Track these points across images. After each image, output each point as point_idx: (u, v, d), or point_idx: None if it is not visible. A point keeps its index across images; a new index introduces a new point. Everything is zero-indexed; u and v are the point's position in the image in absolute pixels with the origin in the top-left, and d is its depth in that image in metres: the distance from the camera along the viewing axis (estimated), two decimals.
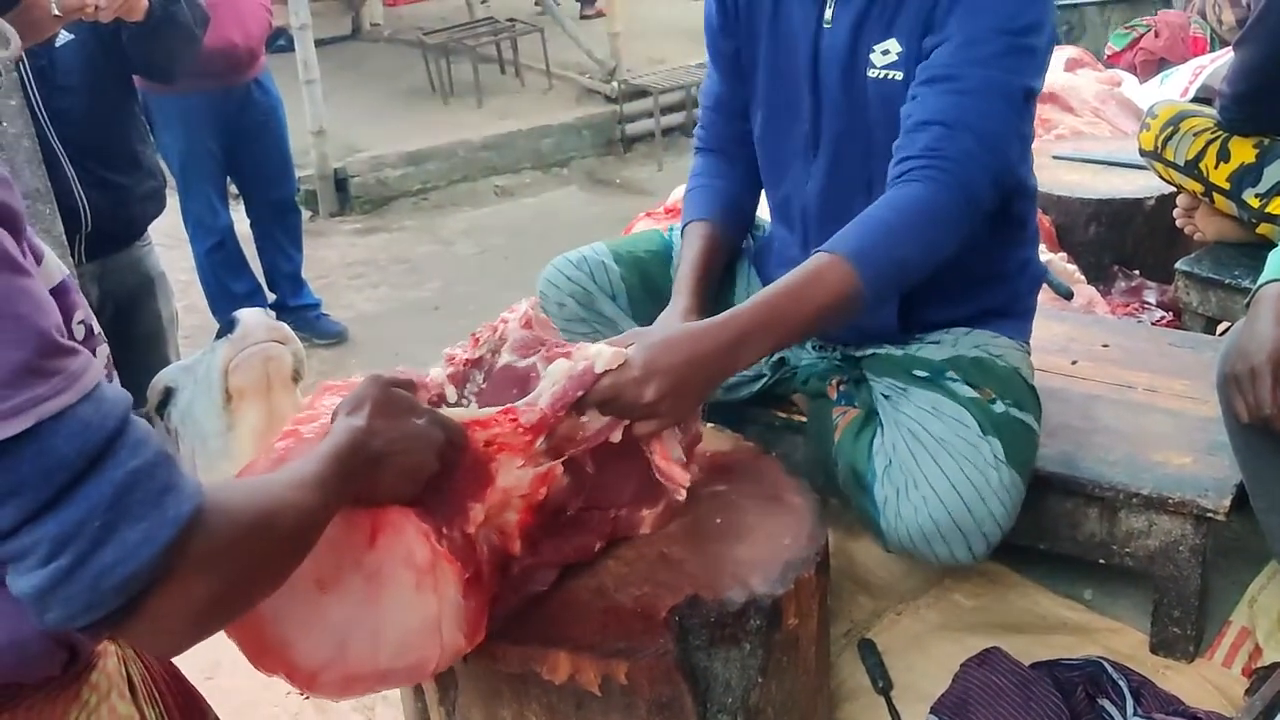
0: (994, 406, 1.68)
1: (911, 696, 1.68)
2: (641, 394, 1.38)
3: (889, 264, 1.53)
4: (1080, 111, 3.93)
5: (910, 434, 1.67)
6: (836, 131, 1.78)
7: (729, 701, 1.37)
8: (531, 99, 8.28)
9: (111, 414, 0.80)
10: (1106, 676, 1.63)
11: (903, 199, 1.56)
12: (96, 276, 2.49)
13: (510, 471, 1.31)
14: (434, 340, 4.92)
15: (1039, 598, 1.90)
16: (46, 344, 0.77)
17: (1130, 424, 1.88)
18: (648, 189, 6.77)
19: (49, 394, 0.76)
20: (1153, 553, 1.72)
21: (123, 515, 0.78)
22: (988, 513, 1.59)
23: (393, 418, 1.18)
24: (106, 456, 0.79)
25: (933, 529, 1.60)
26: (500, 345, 1.43)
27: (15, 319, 0.75)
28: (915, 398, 1.71)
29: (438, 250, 5.63)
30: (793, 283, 1.50)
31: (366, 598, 1.20)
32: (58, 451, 0.76)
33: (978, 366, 1.74)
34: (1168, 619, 1.74)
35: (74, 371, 0.79)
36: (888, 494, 1.66)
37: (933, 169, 1.55)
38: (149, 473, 0.81)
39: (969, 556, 1.62)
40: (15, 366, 0.74)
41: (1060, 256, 2.90)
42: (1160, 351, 2.13)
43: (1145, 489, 1.69)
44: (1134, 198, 3.05)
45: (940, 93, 1.59)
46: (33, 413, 0.75)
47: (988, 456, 1.61)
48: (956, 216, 1.56)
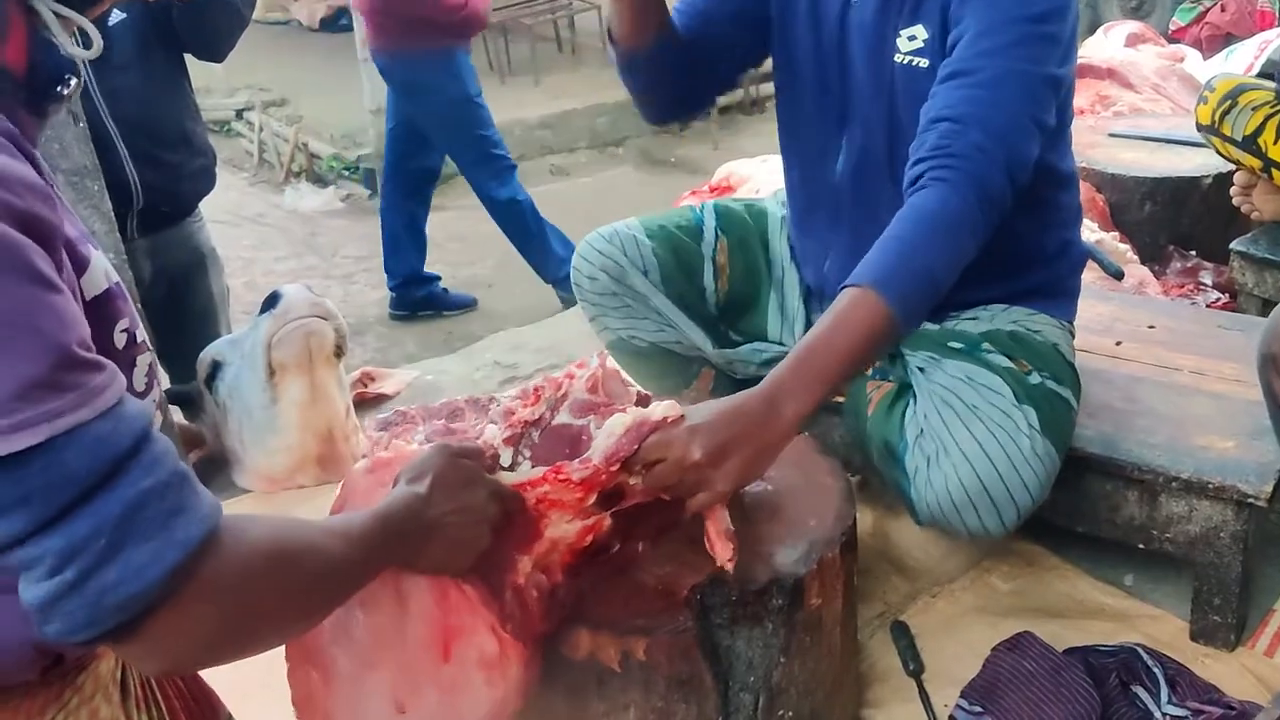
0: (1030, 378, 1.65)
1: (942, 680, 1.67)
2: (689, 451, 1.31)
3: (914, 282, 1.48)
4: (1140, 88, 3.83)
5: (943, 402, 1.65)
6: (865, 113, 1.77)
7: (751, 680, 1.37)
8: (588, 78, 8.27)
9: (128, 431, 0.80)
10: (1141, 664, 1.60)
11: (916, 209, 1.54)
12: (149, 252, 2.54)
13: (559, 525, 1.30)
14: (487, 318, 4.97)
15: (1078, 582, 1.88)
16: (65, 359, 0.77)
17: (1173, 407, 1.84)
18: (703, 168, 6.74)
19: (64, 409, 0.76)
20: (1193, 538, 1.68)
21: (130, 534, 0.78)
22: (1019, 481, 1.57)
23: (453, 491, 1.18)
24: (119, 474, 0.78)
25: (963, 497, 1.58)
26: (560, 404, 1.40)
27: (35, 332, 0.75)
28: (949, 368, 1.69)
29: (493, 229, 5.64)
30: (823, 328, 1.45)
31: (443, 711, 1.22)
32: (68, 466, 0.76)
33: (1014, 339, 1.73)
34: (1208, 606, 1.70)
35: (94, 387, 0.78)
36: (918, 463, 1.64)
37: (942, 169, 1.53)
38: (161, 493, 0.80)
39: (999, 526, 1.60)
40: (30, 380, 0.74)
41: (1112, 236, 2.84)
42: (1208, 333, 2.09)
43: (1186, 473, 1.66)
44: (1191, 176, 2.98)
45: (954, 88, 1.57)
46: (45, 427, 0.75)
47: (1021, 424, 1.59)
48: (972, 216, 1.52)
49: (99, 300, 0.89)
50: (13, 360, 0.74)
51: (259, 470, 2.30)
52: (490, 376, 2.84)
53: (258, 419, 2.24)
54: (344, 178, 7.52)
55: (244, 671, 0.98)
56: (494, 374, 2.86)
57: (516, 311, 4.93)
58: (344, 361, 2.34)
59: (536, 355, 2.94)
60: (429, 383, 2.81)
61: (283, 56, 9.58)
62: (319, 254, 6.35)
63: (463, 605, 1.23)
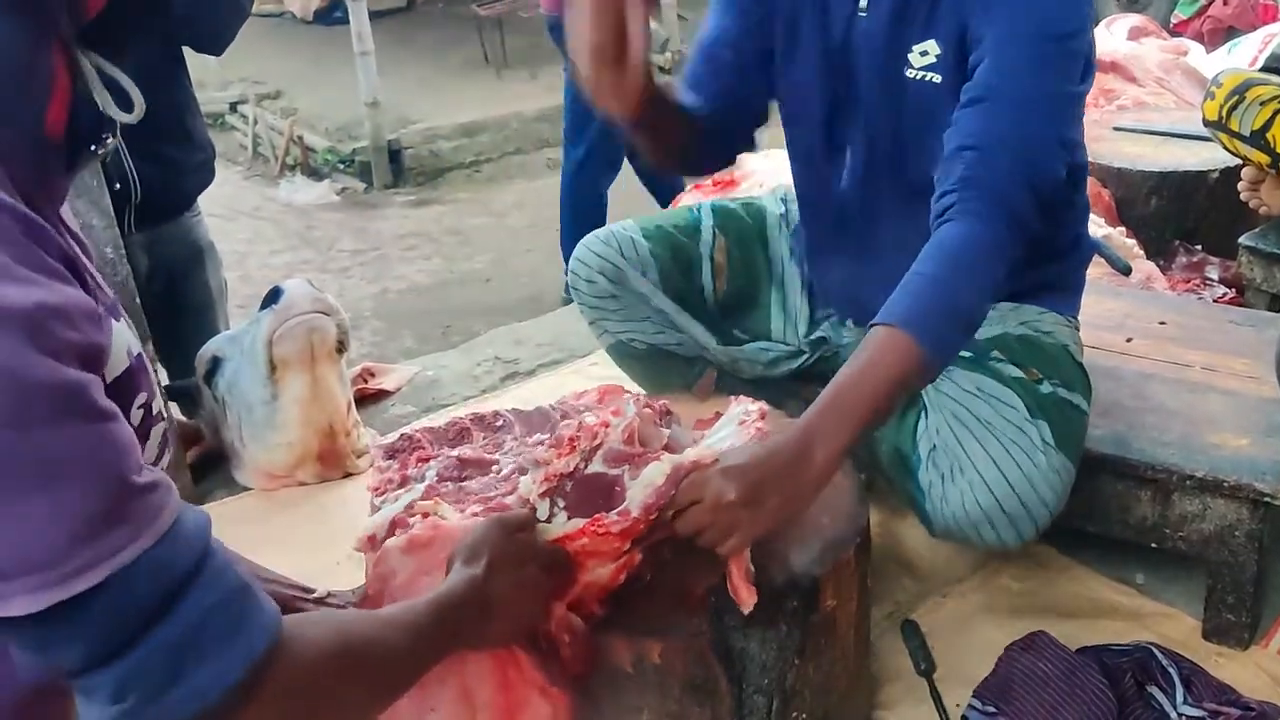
0: (1041, 387, 1.63)
1: (954, 680, 1.65)
2: (723, 492, 1.28)
3: (946, 320, 1.44)
4: (1143, 81, 3.82)
5: (954, 417, 1.63)
6: (871, 126, 1.74)
7: (765, 683, 1.35)
8: None
9: (188, 551, 0.78)
10: (1156, 663, 1.59)
11: (945, 243, 1.50)
12: (146, 246, 2.51)
13: (595, 570, 1.29)
14: (486, 313, 4.95)
15: (1088, 581, 1.86)
16: (125, 490, 0.75)
17: (1186, 404, 1.82)
18: None
19: (124, 542, 0.74)
20: (1207, 537, 1.67)
21: (193, 655, 0.77)
22: (1036, 498, 1.55)
23: (510, 570, 1.16)
24: (181, 596, 0.77)
25: (979, 515, 1.57)
26: (594, 453, 1.36)
27: (96, 471, 0.74)
28: (959, 379, 1.67)
29: (490, 222, 5.64)
30: (854, 368, 1.40)
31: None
32: (129, 599, 0.75)
33: (1024, 345, 1.70)
34: (1222, 605, 1.69)
35: (151, 512, 0.76)
36: (932, 479, 1.62)
37: (970, 200, 1.50)
38: (223, 609, 0.79)
39: (1016, 540, 1.59)
40: (91, 519, 0.72)
41: (1119, 231, 2.82)
42: (1219, 329, 2.07)
43: (1200, 471, 1.64)
44: (1197, 170, 2.96)
45: (976, 114, 1.54)
46: (106, 566, 0.73)
47: (1035, 440, 1.57)
48: (1003, 245, 1.50)
49: (119, 380, 0.86)
50: (73, 501, 0.72)
51: (259, 467, 2.27)
52: (491, 372, 2.82)
53: (258, 415, 2.21)
54: (339, 171, 7.50)
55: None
56: (495, 370, 2.83)
57: (515, 306, 4.91)
58: (345, 357, 2.32)
59: (538, 351, 2.92)
60: (429, 378, 2.79)
61: (277, 49, 9.55)
62: (314, 248, 6.32)
63: (519, 681, 1.23)
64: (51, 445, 0.71)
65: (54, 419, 0.71)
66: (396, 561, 1.29)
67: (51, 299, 0.72)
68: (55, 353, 0.71)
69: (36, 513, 0.70)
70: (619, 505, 1.29)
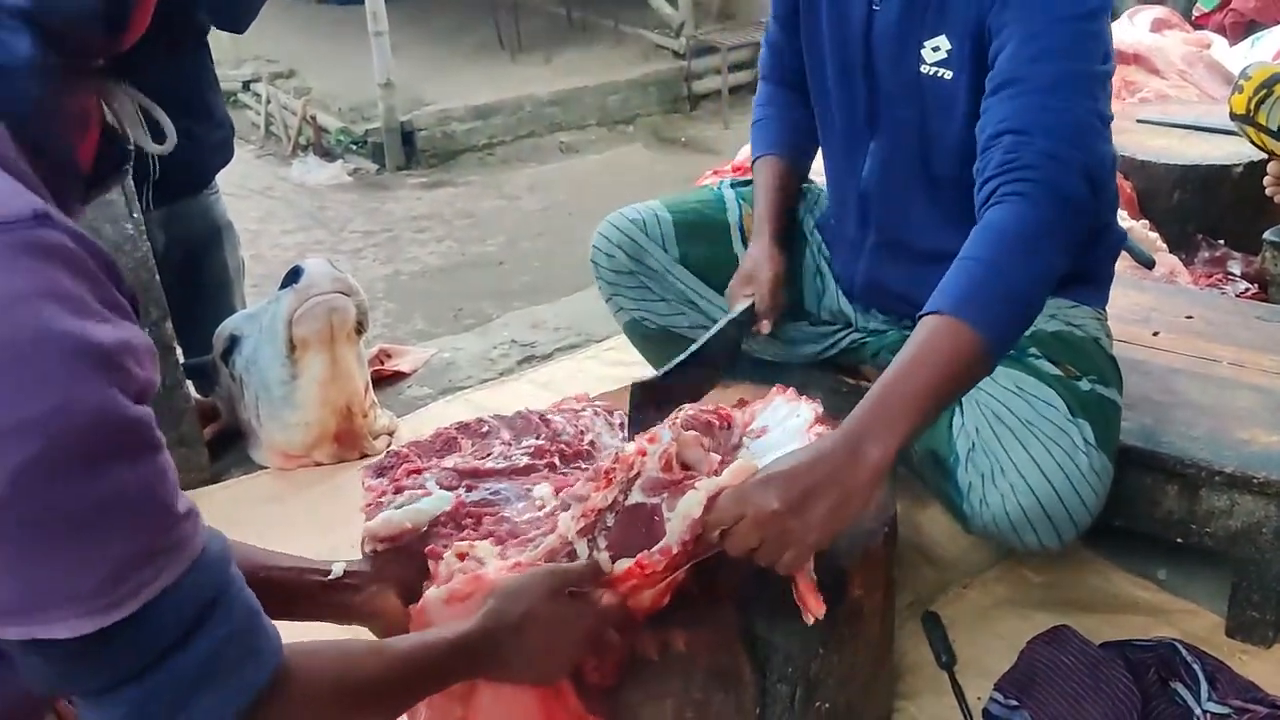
0: (1080, 385, 1.61)
1: (974, 672, 1.64)
2: (766, 501, 1.20)
3: (1000, 305, 1.36)
4: (1166, 74, 3.78)
5: (994, 416, 1.61)
6: (892, 120, 1.75)
7: (789, 672, 1.34)
8: (599, 55, 8.22)
9: (210, 582, 0.80)
10: (1180, 659, 1.58)
11: (992, 227, 1.43)
12: (163, 223, 2.49)
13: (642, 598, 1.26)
14: (498, 296, 4.93)
15: (1111, 575, 1.85)
16: (170, 519, 0.77)
17: (1214, 399, 1.81)
18: (713, 148, 6.70)
19: (158, 573, 0.76)
20: (1234, 533, 1.65)
21: (204, 682, 0.79)
22: (1079, 501, 1.54)
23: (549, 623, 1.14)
24: (200, 625, 0.79)
25: (1021, 517, 1.55)
26: (632, 484, 1.31)
27: (152, 502, 0.76)
28: (997, 375, 1.61)
29: (502, 205, 5.62)
30: (904, 360, 1.31)
31: None
32: (159, 626, 0.77)
33: (1059, 341, 1.68)
34: (1246, 602, 1.67)
35: (186, 540, 0.78)
36: (972, 480, 1.60)
37: (1016, 183, 1.44)
38: (237, 639, 0.81)
39: (1057, 543, 1.57)
40: (137, 555, 0.75)
41: (1142, 224, 2.80)
42: (1246, 324, 2.05)
43: (1229, 467, 1.63)
44: (1221, 164, 2.93)
45: (1007, 98, 1.50)
46: (140, 596, 0.75)
47: (1077, 440, 1.55)
48: (1057, 227, 1.43)
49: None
50: (122, 538, 0.74)
51: (276, 446, 2.27)
52: (508, 355, 2.81)
53: (276, 394, 2.21)
54: (352, 152, 7.48)
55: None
56: (511, 353, 2.82)
57: (527, 289, 4.90)
58: (364, 338, 2.31)
59: (555, 335, 2.91)
60: (445, 361, 2.78)
61: (291, 28, 9.52)
62: (326, 228, 6.31)
63: (560, 711, 1.22)
64: (114, 482, 0.72)
65: (120, 456, 0.73)
66: (436, 613, 1.23)
67: (126, 337, 0.74)
68: (126, 390, 0.73)
69: (92, 548, 0.72)
70: (660, 534, 1.24)
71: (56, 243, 0.71)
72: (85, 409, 0.70)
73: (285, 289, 2.16)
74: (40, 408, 0.68)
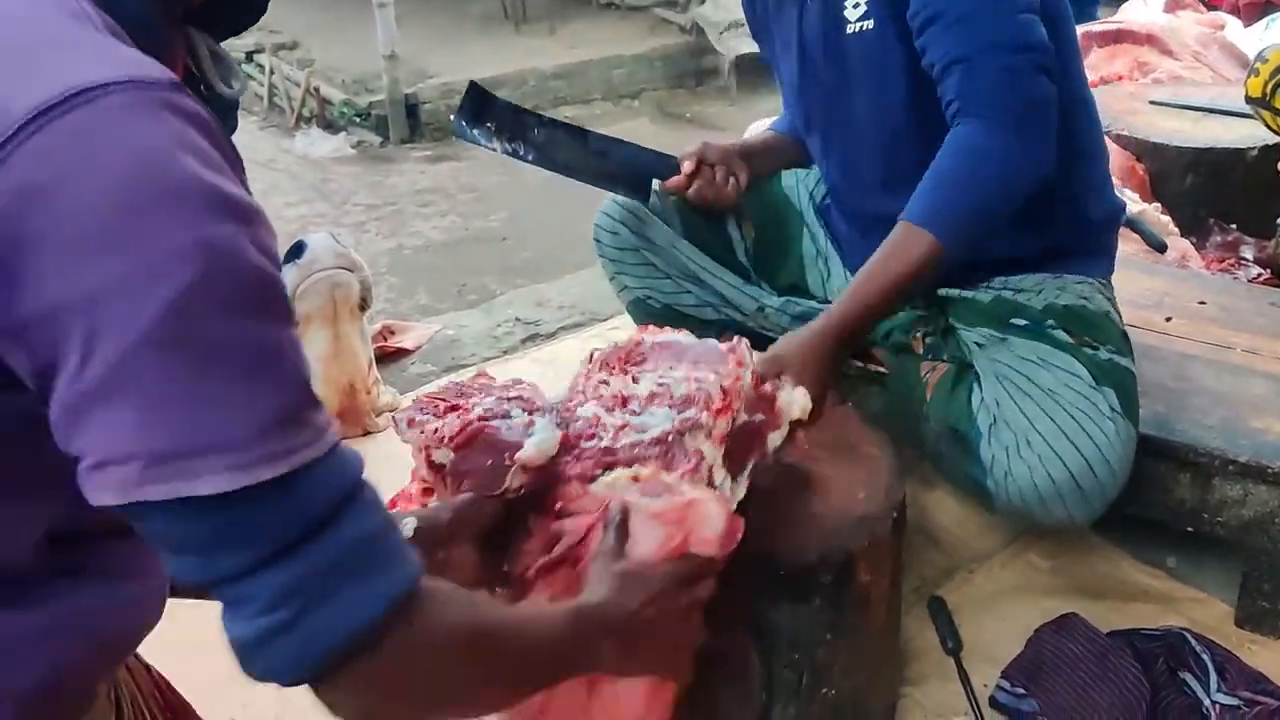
0: (1099, 354, 1.61)
1: (980, 658, 1.63)
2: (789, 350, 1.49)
3: (961, 215, 1.54)
4: (1180, 55, 3.74)
5: (1016, 388, 1.59)
6: (840, 98, 1.79)
7: (795, 657, 1.33)
8: (604, 28, 8.16)
9: (350, 472, 0.77)
10: (1189, 649, 1.56)
11: (957, 142, 1.56)
12: None
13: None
14: (501, 272, 4.91)
15: (1119, 562, 1.84)
16: (309, 394, 0.75)
17: (1228, 386, 1.79)
18: (718, 124, 6.67)
19: (302, 444, 0.73)
20: (1246, 523, 1.64)
21: (345, 578, 0.76)
22: (1109, 469, 1.52)
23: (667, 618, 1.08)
24: (341, 514, 0.76)
25: (1050, 489, 1.53)
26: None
27: (294, 366, 0.74)
28: (1016, 347, 1.63)
29: (506, 180, 5.57)
30: (874, 260, 1.55)
31: None
32: (300, 503, 0.74)
33: (1073, 314, 1.67)
34: (1257, 592, 1.66)
35: (322, 424, 0.76)
36: (995, 453, 1.58)
37: (974, 104, 1.54)
38: (375, 538, 0.78)
39: (1087, 515, 1.55)
40: (285, 412, 0.72)
41: (1154, 207, 2.77)
42: (1260, 311, 2.03)
43: (1243, 456, 1.61)
44: (1235, 148, 2.90)
45: (940, 30, 1.57)
46: (286, 461, 0.72)
47: (1104, 408, 1.54)
48: (1013, 149, 1.54)
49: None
50: (271, 391, 0.72)
51: None
52: (512, 333, 2.79)
53: None
54: (355, 124, 7.44)
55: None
56: (516, 331, 2.81)
57: (530, 266, 4.88)
58: (367, 314, 2.29)
59: (559, 313, 2.89)
60: (449, 338, 2.76)
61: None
62: (329, 201, 6.28)
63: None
64: (266, 331, 0.72)
65: (268, 310, 0.72)
66: (641, 528, 1.15)
67: (260, 207, 0.74)
68: (265, 252, 0.73)
69: (239, 395, 0.70)
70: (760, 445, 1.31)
71: (194, 110, 0.72)
72: (234, 251, 0.70)
73: (288, 264, 2.14)
74: (190, 238, 0.68)
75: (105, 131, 0.67)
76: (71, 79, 0.67)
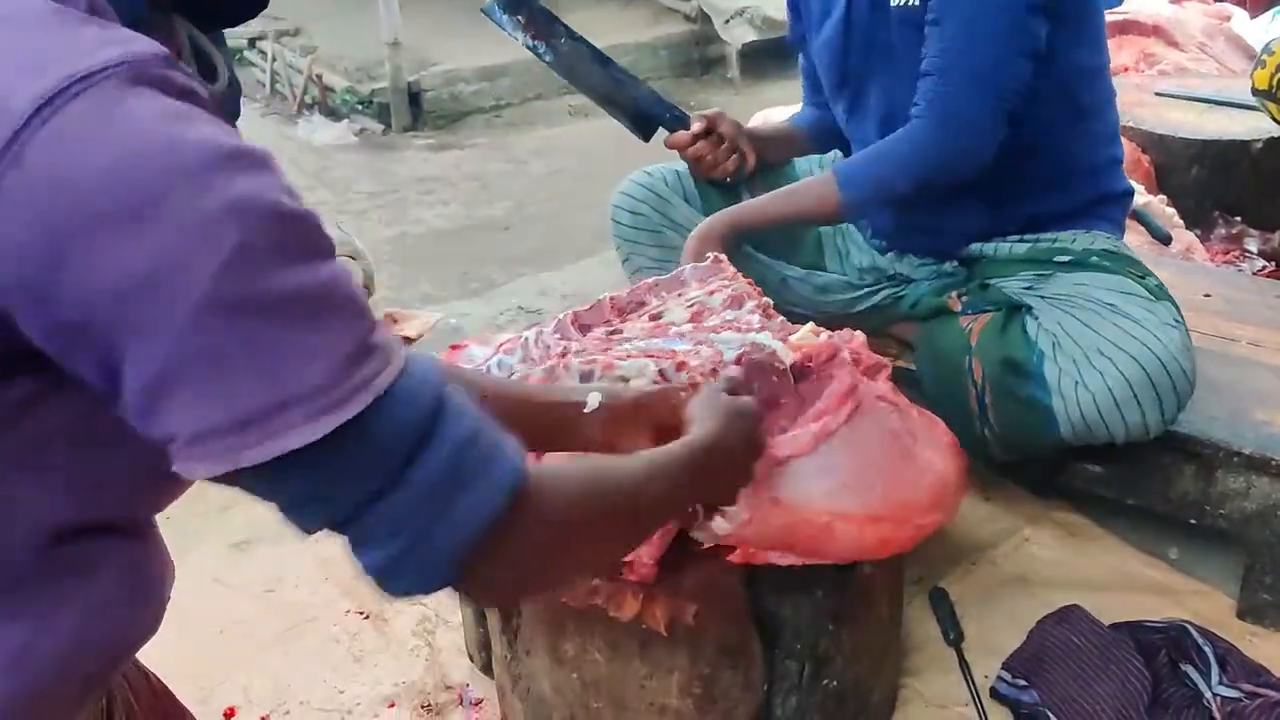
0: (1148, 280, 1.67)
1: (981, 649, 1.63)
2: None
3: (867, 182, 1.77)
4: (1186, 46, 3.73)
5: (1077, 306, 1.65)
6: (884, 69, 1.82)
7: (798, 648, 1.33)
8: (609, 16, 8.13)
9: (428, 385, 0.77)
10: (1191, 641, 1.56)
11: (898, 132, 1.74)
12: None
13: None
14: (504, 261, 4.89)
15: (1121, 554, 1.84)
16: (371, 320, 0.75)
17: (1232, 378, 1.79)
18: None
19: (382, 367, 0.74)
20: (1249, 515, 1.64)
21: (456, 486, 0.77)
22: (1181, 370, 1.56)
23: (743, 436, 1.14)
24: (434, 427, 0.76)
25: (1126, 392, 1.56)
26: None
27: (352, 298, 0.74)
28: (1067, 279, 1.70)
29: (509, 169, 5.56)
30: (791, 188, 1.87)
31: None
32: (394, 425, 0.74)
33: (1110, 254, 1.73)
34: (1259, 585, 1.66)
35: (390, 345, 0.76)
36: (1063, 366, 1.61)
37: (924, 107, 1.70)
38: (474, 440, 0.78)
39: (1161, 422, 1.59)
40: (354, 344, 0.72)
41: (1159, 199, 2.76)
42: (1266, 304, 2.03)
43: (1246, 448, 1.61)
44: (1241, 140, 2.89)
45: (935, 36, 1.67)
46: (372, 388, 0.72)
47: (1165, 318, 1.59)
48: (940, 141, 1.70)
49: None
50: (337, 327, 0.72)
51: None
52: (515, 321, 2.79)
53: None
54: (358, 112, 7.41)
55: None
56: (518, 319, 2.80)
57: (534, 254, 4.86)
58: (371, 301, 2.29)
59: (562, 301, 2.88)
60: (452, 326, 2.75)
61: None
62: (331, 189, 6.26)
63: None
64: (315, 272, 0.72)
65: (309, 251, 0.72)
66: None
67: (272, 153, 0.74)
68: (289, 193, 0.73)
69: (308, 341, 0.70)
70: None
71: (187, 83, 0.72)
72: (264, 201, 0.70)
73: None
74: (220, 201, 0.68)
75: (112, 113, 0.67)
76: (69, 67, 0.67)
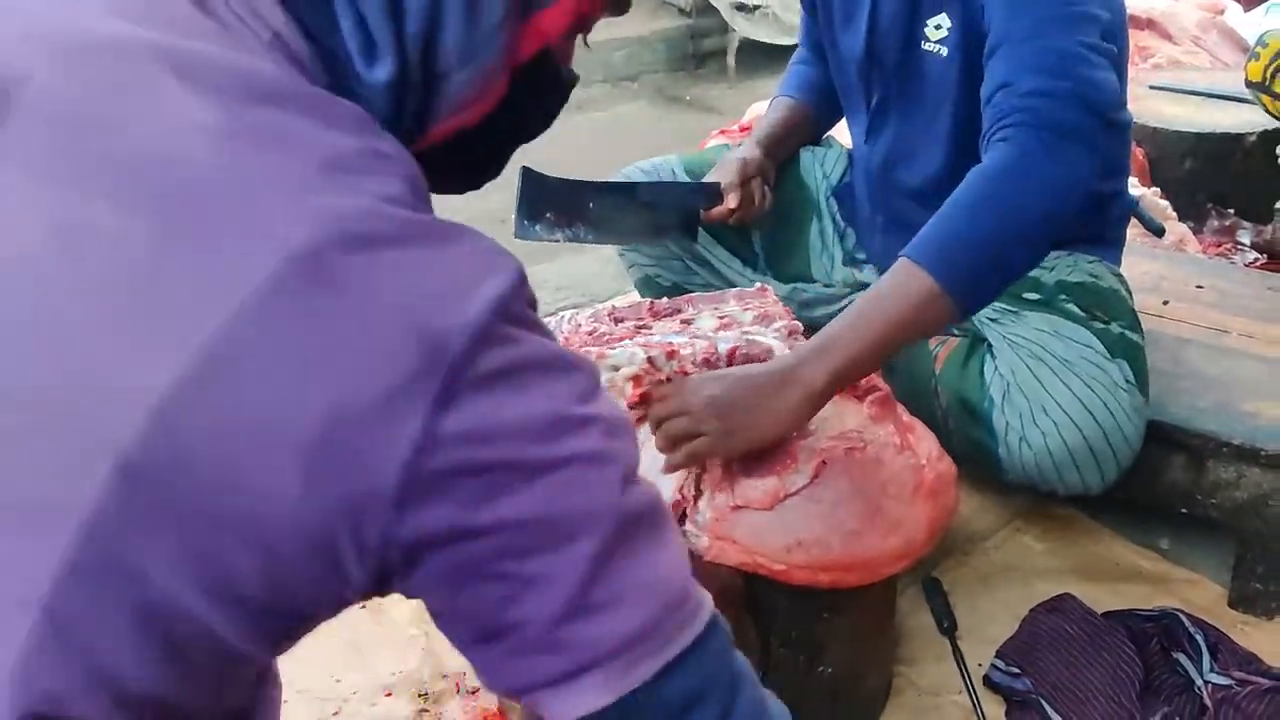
0: (1111, 329, 1.64)
1: (975, 638, 1.64)
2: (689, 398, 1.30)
3: (966, 251, 1.32)
4: (1179, 40, 3.74)
5: (1031, 356, 1.63)
6: (893, 98, 1.79)
7: (792, 635, 1.34)
8: None
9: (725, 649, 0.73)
10: (1183, 630, 1.57)
11: (982, 169, 1.39)
12: None
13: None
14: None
15: (1113, 544, 1.85)
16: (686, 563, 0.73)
17: (1223, 370, 1.80)
18: (718, 107, 6.62)
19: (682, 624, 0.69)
20: (1240, 505, 1.65)
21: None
22: (1122, 438, 1.56)
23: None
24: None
25: (1065, 455, 1.56)
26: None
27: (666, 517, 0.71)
28: (1030, 320, 1.67)
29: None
30: (862, 300, 1.35)
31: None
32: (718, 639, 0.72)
33: (1085, 289, 1.71)
34: (1250, 575, 1.67)
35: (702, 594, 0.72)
36: (1009, 420, 1.61)
37: (1004, 129, 1.39)
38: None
39: (1099, 484, 1.59)
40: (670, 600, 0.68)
41: (1152, 191, 2.77)
42: (1257, 295, 2.04)
43: (1236, 439, 1.62)
44: (1234, 133, 2.90)
45: (999, 59, 1.45)
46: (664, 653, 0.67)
47: (1117, 379, 1.58)
48: (1040, 164, 1.36)
49: None
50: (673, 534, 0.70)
51: None
52: None
53: None
54: None
55: None
56: None
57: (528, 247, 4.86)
58: None
59: (556, 294, 2.89)
60: None
61: None
62: None
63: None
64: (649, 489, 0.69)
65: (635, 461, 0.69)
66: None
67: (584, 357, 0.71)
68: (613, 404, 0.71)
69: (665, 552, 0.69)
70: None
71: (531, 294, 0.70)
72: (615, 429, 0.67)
73: None
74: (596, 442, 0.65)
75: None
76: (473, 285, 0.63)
